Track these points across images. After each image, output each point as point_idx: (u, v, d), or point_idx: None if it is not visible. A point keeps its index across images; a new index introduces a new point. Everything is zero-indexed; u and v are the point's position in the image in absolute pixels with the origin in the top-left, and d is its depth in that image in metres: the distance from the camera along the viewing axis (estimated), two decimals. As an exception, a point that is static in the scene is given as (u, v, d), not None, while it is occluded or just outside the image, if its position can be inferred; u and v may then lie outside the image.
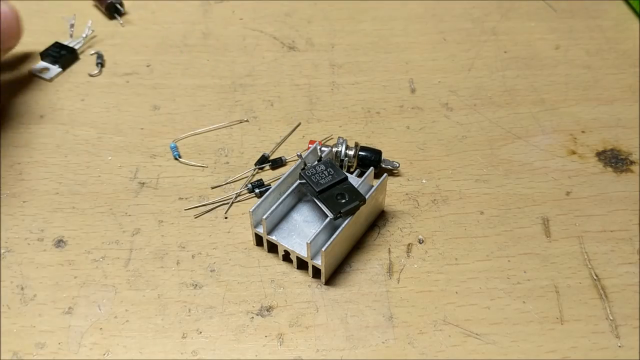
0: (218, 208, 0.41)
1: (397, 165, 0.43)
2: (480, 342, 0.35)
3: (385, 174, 0.39)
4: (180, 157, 0.44)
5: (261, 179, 0.42)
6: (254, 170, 0.43)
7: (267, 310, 0.36)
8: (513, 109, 0.48)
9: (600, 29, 0.55)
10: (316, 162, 0.39)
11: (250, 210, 0.37)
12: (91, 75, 0.50)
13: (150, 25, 0.55)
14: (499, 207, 0.41)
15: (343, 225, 0.36)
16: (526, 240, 0.40)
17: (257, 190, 0.42)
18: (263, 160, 0.43)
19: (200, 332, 0.35)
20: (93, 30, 0.53)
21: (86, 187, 0.42)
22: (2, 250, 0.39)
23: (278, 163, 0.44)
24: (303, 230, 0.38)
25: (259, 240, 0.39)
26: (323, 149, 0.42)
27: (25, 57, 0.51)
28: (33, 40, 0.52)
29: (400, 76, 0.51)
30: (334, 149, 0.42)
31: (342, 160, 0.42)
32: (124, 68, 0.51)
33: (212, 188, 0.42)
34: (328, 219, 0.37)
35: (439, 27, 0.55)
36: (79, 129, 0.46)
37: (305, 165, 0.39)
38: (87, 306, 0.36)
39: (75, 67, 0.51)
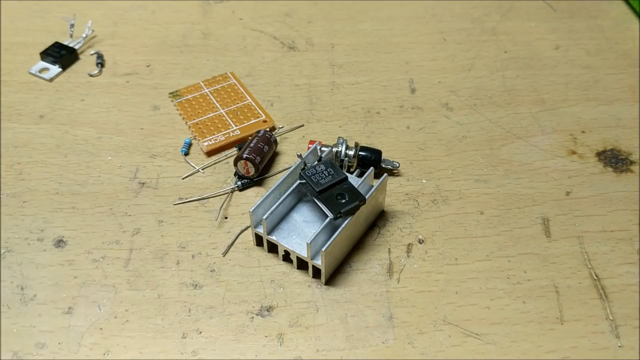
0: (218, 208, 0.41)
1: (397, 165, 0.43)
2: (480, 342, 0.35)
3: (385, 174, 0.39)
4: (187, 154, 0.44)
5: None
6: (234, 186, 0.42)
7: (267, 310, 0.36)
8: (513, 109, 0.48)
9: (600, 29, 0.55)
10: (316, 162, 0.39)
11: (251, 210, 0.37)
12: (91, 75, 0.50)
13: (150, 25, 0.55)
14: (499, 207, 0.41)
15: (343, 225, 0.36)
16: (526, 240, 0.40)
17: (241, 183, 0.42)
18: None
19: (200, 332, 0.35)
20: (93, 30, 0.53)
21: (86, 187, 0.42)
22: (2, 250, 0.39)
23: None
24: (303, 230, 0.38)
25: (259, 240, 0.39)
26: (323, 149, 0.42)
27: (25, 57, 0.51)
28: (33, 40, 0.53)
29: (400, 76, 0.51)
30: (334, 149, 0.42)
31: (342, 160, 0.42)
32: (124, 68, 0.51)
33: (183, 178, 0.43)
34: (328, 219, 0.37)
35: (439, 27, 0.55)
36: (79, 129, 0.46)
37: (305, 165, 0.39)
38: (87, 306, 0.36)
39: (75, 67, 0.51)
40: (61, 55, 0.50)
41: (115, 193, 0.42)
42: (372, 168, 0.40)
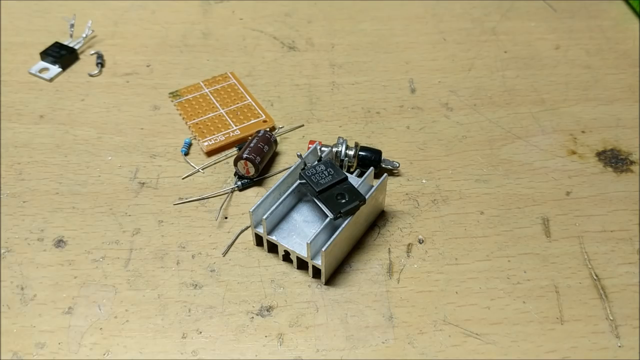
0: (218, 208, 0.41)
1: (397, 165, 0.43)
2: (480, 342, 0.35)
3: (385, 174, 0.39)
4: (187, 154, 0.44)
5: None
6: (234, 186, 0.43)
7: (267, 310, 0.36)
8: (513, 109, 0.48)
9: (600, 29, 0.55)
10: (316, 162, 0.39)
11: (250, 210, 0.37)
12: (91, 75, 0.50)
13: (150, 25, 0.55)
14: (499, 207, 0.41)
15: (343, 225, 0.36)
16: (526, 240, 0.40)
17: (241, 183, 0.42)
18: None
19: (200, 332, 0.35)
20: (93, 30, 0.53)
21: (86, 187, 0.42)
22: (2, 250, 0.39)
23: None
24: (303, 230, 0.38)
25: (259, 240, 0.39)
26: (323, 149, 0.42)
27: (25, 57, 0.51)
28: (33, 40, 0.53)
29: (400, 76, 0.51)
30: (334, 149, 0.42)
31: (342, 160, 0.42)
32: (124, 68, 0.51)
33: (183, 178, 0.43)
34: (328, 219, 0.37)
35: (439, 27, 0.55)
36: (79, 129, 0.46)
37: (305, 165, 0.39)
38: (87, 306, 0.36)
39: (75, 67, 0.51)
40: (61, 55, 0.50)
41: (115, 193, 0.42)
42: (372, 168, 0.40)
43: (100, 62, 0.51)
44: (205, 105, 0.47)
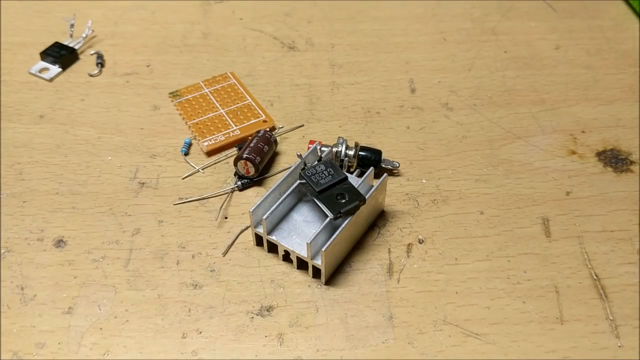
0: (218, 208, 0.41)
1: (397, 165, 0.43)
2: (480, 342, 0.35)
3: (385, 174, 0.39)
4: (187, 154, 0.44)
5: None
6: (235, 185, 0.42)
7: (267, 310, 0.36)
8: (513, 109, 0.48)
9: (600, 29, 0.55)
10: (316, 162, 0.39)
11: (251, 210, 0.37)
12: (91, 75, 0.50)
13: (150, 25, 0.55)
14: (499, 207, 0.41)
15: (343, 225, 0.36)
16: (526, 240, 0.40)
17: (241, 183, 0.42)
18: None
19: (200, 332, 0.35)
20: (93, 30, 0.53)
21: (86, 187, 0.42)
22: (2, 250, 0.39)
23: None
24: (303, 230, 0.38)
25: (259, 240, 0.39)
26: (323, 149, 0.42)
27: (25, 57, 0.51)
28: (33, 40, 0.53)
29: (400, 76, 0.51)
30: (334, 149, 0.42)
31: (342, 160, 0.42)
32: (124, 68, 0.51)
33: (183, 178, 0.43)
34: (328, 219, 0.37)
35: (439, 27, 0.55)
36: (79, 129, 0.46)
37: (305, 165, 0.39)
38: (87, 306, 0.36)
39: (75, 67, 0.51)
40: (61, 55, 0.50)
41: (115, 193, 0.42)
42: (372, 168, 0.40)
43: (100, 62, 0.51)
44: (205, 105, 0.47)
